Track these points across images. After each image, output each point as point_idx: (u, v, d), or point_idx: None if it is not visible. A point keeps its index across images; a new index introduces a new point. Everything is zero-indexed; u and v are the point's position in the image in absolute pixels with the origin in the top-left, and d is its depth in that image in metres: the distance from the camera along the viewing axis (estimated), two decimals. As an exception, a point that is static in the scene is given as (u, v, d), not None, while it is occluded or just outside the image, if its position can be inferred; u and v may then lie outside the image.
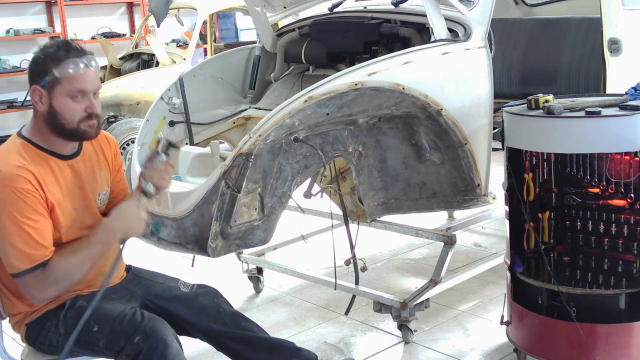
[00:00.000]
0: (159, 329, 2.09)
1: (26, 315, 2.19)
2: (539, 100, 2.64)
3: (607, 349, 2.59)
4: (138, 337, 2.07)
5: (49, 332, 2.17)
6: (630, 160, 2.63)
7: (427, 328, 3.30)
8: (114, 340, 2.10)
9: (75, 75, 2.07)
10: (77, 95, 2.09)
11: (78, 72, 2.08)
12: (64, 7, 8.08)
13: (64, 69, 2.07)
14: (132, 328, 2.09)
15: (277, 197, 2.72)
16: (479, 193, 3.16)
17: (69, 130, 2.12)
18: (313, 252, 4.11)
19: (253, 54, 3.92)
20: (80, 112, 2.11)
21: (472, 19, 3.13)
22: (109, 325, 2.12)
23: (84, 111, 2.11)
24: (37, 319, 2.19)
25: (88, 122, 2.13)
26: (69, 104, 2.09)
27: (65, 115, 2.10)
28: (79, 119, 2.11)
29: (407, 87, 2.84)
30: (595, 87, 3.76)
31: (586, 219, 2.83)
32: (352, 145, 2.96)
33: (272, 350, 2.40)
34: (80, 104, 2.10)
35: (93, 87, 2.12)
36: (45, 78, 2.07)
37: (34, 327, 2.19)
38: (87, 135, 2.17)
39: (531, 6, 5.02)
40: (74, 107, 2.10)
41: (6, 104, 7.91)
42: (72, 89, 2.08)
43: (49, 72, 2.07)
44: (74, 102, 2.09)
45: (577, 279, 2.77)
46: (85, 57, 2.12)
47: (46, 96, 2.09)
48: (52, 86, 2.08)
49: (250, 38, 8.96)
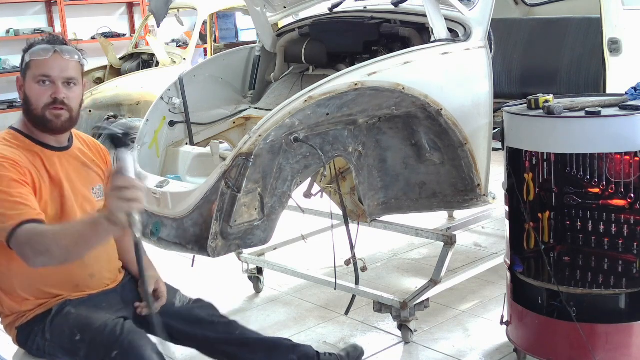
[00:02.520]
0: (136, 344, 2.04)
1: (17, 318, 2.17)
2: (539, 100, 2.64)
3: (607, 349, 2.59)
4: (115, 352, 2.01)
5: (36, 337, 2.15)
6: (630, 160, 2.63)
7: (427, 328, 3.30)
8: (94, 350, 2.07)
9: (42, 59, 2.07)
10: (43, 80, 2.08)
11: (45, 57, 2.07)
12: (64, 7, 8.08)
13: (32, 54, 2.09)
14: (111, 341, 2.04)
15: (277, 197, 2.72)
16: (479, 193, 3.16)
17: (36, 117, 2.10)
18: (313, 252, 4.11)
19: (253, 54, 3.92)
20: (45, 97, 2.08)
21: (472, 19, 3.13)
22: (90, 335, 2.08)
23: (49, 96, 2.08)
24: (27, 322, 2.16)
25: (53, 110, 2.09)
26: (35, 88, 2.08)
27: (32, 100, 2.09)
28: (44, 105, 2.08)
29: (407, 87, 2.84)
30: (595, 87, 3.75)
31: (586, 219, 2.83)
32: (352, 145, 2.96)
33: (269, 349, 2.40)
34: (46, 89, 2.08)
35: (62, 74, 2.09)
36: (22, 65, 2.11)
37: (24, 330, 2.16)
38: (52, 125, 2.11)
39: (531, 6, 5.02)
40: (39, 92, 2.08)
41: (6, 104, 7.91)
42: (37, 73, 2.08)
43: (23, 58, 2.11)
44: (40, 86, 2.08)
45: (577, 279, 2.77)
46: (61, 46, 2.10)
47: (22, 83, 2.11)
48: (25, 72, 2.10)
49: (250, 38, 8.96)
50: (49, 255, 1.91)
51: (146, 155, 3.34)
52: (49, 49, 2.09)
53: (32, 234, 1.91)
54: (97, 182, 2.28)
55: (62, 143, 2.20)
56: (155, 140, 3.43)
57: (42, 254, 1.91)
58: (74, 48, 2.15)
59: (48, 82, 2.08)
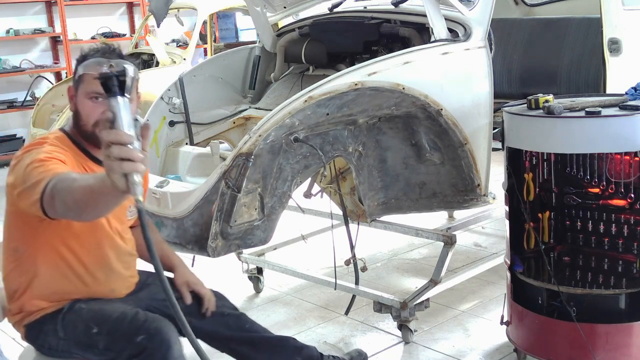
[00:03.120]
0: (163, 329, 2.05)
1: (25, 316, 2.16)
2: (539, 100, 2.64)
3: (607, 349, 2.59)
4: (141, 337, 2.02)
5: (47, 336, 2.13)
6: (630, 160, 2.63)
7: (427, 328, 3.30)
8: (114, 341, 2.07)
9: (94, 74, 1.97)
10: (95, 97, 2.01)
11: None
12: (64, 7, 8.07)
13: (86, 67, 2.03)
14: (135, 328, 2.05)
15: (277, 197, 2.72)
16: (479, 193, 3.16)
17: (86, 134, 2.06)
18: (313, 252, 4.11)
19: (253, 54, 3.92)
20: (97, 115, 2.00)
21: (472, 19, 3.13)
22: (108, 326, 2.08)
23: (100, 115, 1.97)
24: (35, 321, 2.15)
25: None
26: (87, 104, 2.03)
27: (83, 116, 2.04)
28: (95, 122, 2.02)
29: (407, 87, 2.84)
30: (595, 87, 3.75)
31: (586, 219, 2.83)
32: (352, 145, 2.96)
33: (274, 349, 2.40)
34: (98, 106, 2.01)
35: None
36: (75, 76, 2.06)
37: (32, 329, 2.16)
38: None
39: (531, 6, 5.02)
40: (90, 108, 2.02)
41: (6, 104, 7.91)
42: (89, 89, 2.01)
43: (77, 70, 2.05)
44: (92, 103, 2.02)
45: (577, 279, 2.77)
46: (117, 60, 1.98)
47: (74, 95, 2.06)
48: (77, 85, 2.05)
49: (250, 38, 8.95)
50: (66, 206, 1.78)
51: (146, 155, 3.34)
52: (104, 62, 1.97)
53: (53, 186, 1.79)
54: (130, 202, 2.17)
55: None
56: (155, 140, 3.43)
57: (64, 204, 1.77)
58: (130, 62, 2.05)
59: (101, 98, 2.00)
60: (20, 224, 2.06)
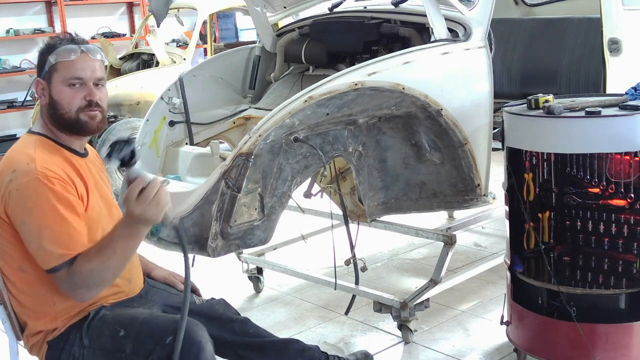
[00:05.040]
0: (194, 330, 2.01)
1: (47, 334, 2.06)
2: (539, 100, 2.64)
3: (607, 349, 2.59)
4: (170, 338, 1.97)
5: (72, 347, 2.04)
6: (630, 160, 2.63)
7: (427, 328, 3.30)
8: (142, 343, 2.00)
9: (70, 61, 2.01)
10: (74, 83, 2.02)
11: (73, 58, 2.01)
12: (64, 7, 8.07)
13: (59, 55, 2.02)
14: (164, 329, 2.00)
15: (277, 197, 2.72)
16: (479, 193, 3.16)
17: (69, 121, 2.03)
18: (313, 252, 4.11)
19: (253, 54, 3.92)
20: (79, 100, 2.02)
21: (472, 19, 3.13)
22: (136, 328, 2.02)
23: (83, 99, 2.02)
24: (60, 335, 2.06)
25: (88, 112, 2.03)
26: (66, 91, 2.02)
27: (63, 103, 2.02)
28: (78, 108, 2.02)
29: (407, 87, 2.84)
30: (595, 87, 3.75)
31: (586, 219, 2.83)
32: (352, 145, 2.96)
33: (278, 353, 2.38)
34: (78, 91, 2.02)
35: (92, 75, 2.04)
36: (44, 68, 2.04)
37: (56, 344, 2.06)
38: (87, 127, 2.05)
39: (531, 6, 5.02)
40: (71, 95, 2.02)
41: (6, 104, 7.91)
42: (68, 75, 2.01)
43: (46, 61, 2.03)
44: (72, 89, 2.02)
45: (577, 279, 2.77)
46: (85, 45, 2.04)
47: (46, 87, 2.04)
48: (50, 75, 2.03)
49: (250, 38, 8.95)
50: (103, 284, 1.97)
51: (146, 155, 3.34)
52: (76, 49, 2.02)
53: (83, 273, 1.89)
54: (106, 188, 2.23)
55: (83, 149, 2.15)
56: (155, 140, 3.42)
57: (97, 286, 1.95)
58: (95, 46, 2.09)
59: (79, 84, 2.02)
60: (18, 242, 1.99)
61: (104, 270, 1.91)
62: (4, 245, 2.02)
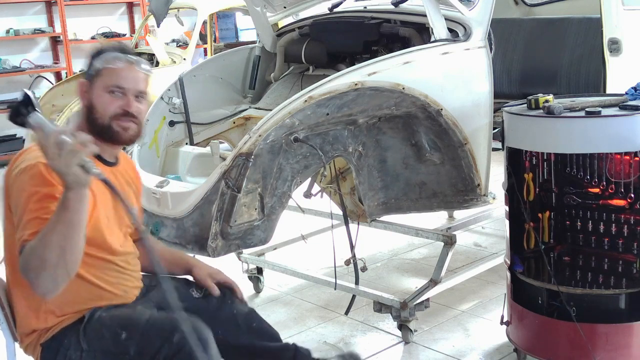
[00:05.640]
0: (199, 328, 1.97)
1: (41, 334, 2.02)
2: (539, 100, 2.64)
3: (607, 349, 2.59)
4: (177, 336, 1.92)
5: (68, 350, 1.99)
6: (630, 160, 2.63)
7: (427, 328, 3.30)
8: (147, 343, 1.96)
9: (114, 68, 2.01)
10: (114, 91, 2.01)
11: (118, 66, 2.01)
12: (64, 7, 8.07)
13: (104, 61, 2.02)
14: (170, 328, 1.96)
15: (277, 197, 2.72)
16: (479, 193, 3.16)
17: (101, 127, 2.01)
18: (313, 252, 4.11)
19: (253, 54, 3.92)
20: (114, 108, 2.00)
21: (472, 19, 3.13)
22: (140, 329, 1.98)
23: (119, 108, 2.00)
24: (53, 337, 2.01)
25: (121, 122, 2.02)
26: (105, 96, 2.01)
27: (99, 108, 2.01)
28: (112, 115, 2.00)
29: (407, 87, 2.84)
30: (595, 87, 3.75)
31: (586, 219, 2.83)
32: (352, 145, 2.96)
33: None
34: (116, 99, 2.01)
35: (134, 86, 2.03)
36: (90, 70, 2.04)
37: (49, 346, 2.01)
38: (118, 137, 2.04)
39: (531, 6, 5.02)
40: (108, 101, 2.00)
41: (6, 104, 7.91)
42: (110, 82, 2.00)
43: (92, 64, 2.04)
44: (111, 96, 2.01)
45: (577, 279, 2.77)
46: (133, 57, 2.04)
47: (88, 89, 2.04)
48: (93, 78, 2.03)
49: (250, 38, 8.95)
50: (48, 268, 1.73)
51: (146, 155, 3.34)
52: (123, 58, 2.03)
53: (26, 253, 1.75)
54: (134, 204, 2.19)
55: (114, 157, 2.12)
56: (155, 140, 3.43)
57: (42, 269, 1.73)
58: (145, 60, 2.09)
59: (119, 93, 2.01)
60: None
61: (42, 248, 1.72)
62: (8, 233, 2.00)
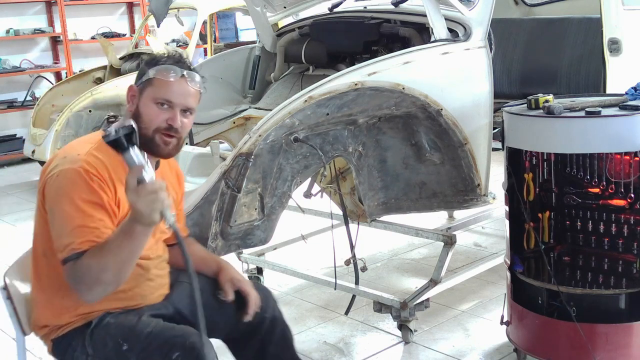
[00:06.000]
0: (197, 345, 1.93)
1: (52, 330, 2.04)
2: (539, 100, 2.64)
3: (607, 349, 2.59)
4: (177, 354, 1.91)
5: (75, 352, 2.00)
6: (630, 160, 2.63)
7: (427, 328, 3.30)
8: (147, 358, 1.95)
9: (167, 81, 1.98)
10: (163, 103, 1.98)
11: (170, 79, 1.99)
12: (64, 7, 8.07)
13: (158, 72, 2.00)
14: (170, 344, 1.93)
15: (277, 197, 2.72)
16: (479, 193, 3.16)
17: (144, 138, 1.96)
18: (313, 252, 4.11)
19: (253, 54, 3.92)
20: (160, 121, 1.98)
21: (472, 19, 3.13)
22: (141, 344, 1.96)
23: (165, 121, 1.97)
24: (63, 335, 2.02)
25: (164, 137, 1.99)
26: (152, 108, 1.98)
27: (145, 119, 1.98)
28: (156, 128, 1.98)
29: (407, 87, 2.84)
30: (595, 87, 3.75)
31: (586, 219, 2.83)
32: (352, 145, 2.96)
33: None
34: (163, 112, 1.98)
35: (183, 102, 2.00)
36: (142, 78, 2.02)
37: (59, 344, 2.03)
38: (158, 150, 2.01)
39: (531, 6, 5.02)
40: (155, 113, 1.98)
41: (6, 104, 7.91)
42: (159, 94, 1.98)
43: (145, 72, 2.02)
44: (158, 108, 1.98)
45: (577, 279, 2.77)
46: (190, 72, 2.02)
47: (137, 96, 2.02)
48: (144, 87, 2.01)
49: (250, 38, 8.95)
50: (103, 284, 1.86)
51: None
52: (178, 71, 2.00)
53: (82, 269, 1.83)
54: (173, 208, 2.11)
55: (152, 164, 2.06)
56: (155, 140, 3.42)
57: (96, 285, 1.85)
58: (199, 74, 2.06)
59: (167, 106, 1.98)
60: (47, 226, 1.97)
61: (100, 269, 1.83)
62: (38, 227, 2.03)
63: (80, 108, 6.04)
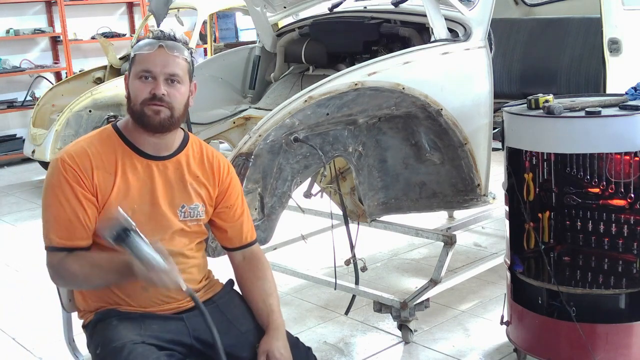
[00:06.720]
0: None
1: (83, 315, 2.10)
2: (539, 100, 2.64)
3: (607, 349, 2.59)
4: None
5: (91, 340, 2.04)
6: (630, 160, 2.63)
7: (427, 328, 3.30)
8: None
9: (145, 54, 1.97)
10: (145, 76, 1.97)
11: (148, 51, 1.97)
12: (64, 7, 8.07)
13: (137, 48, 2.01)
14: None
15: (277, 197, 2.72)
16: (479, 193, 3.16)
17: (135, 114, 1.98)
18: (313, 252, 4.11)
19: (253, 54, 3.92)
20: (144, 93, 1.96)
21: (472, 19, 3.14)
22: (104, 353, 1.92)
23: (149, 92, 1.95)
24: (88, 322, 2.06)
25: (151, 105, 1.95)
26: (137, 84, 1.97)
27: (132, 95, 1.99)
28: (142, 101, 1.96)
29: (407, 87, 2.84)
30: (595, 87, 3.76)
31: (586, 219, 2.83)
32: (352, 145, 2.96)
33: None
34: (147, 85, 1.96)
35: (164, 70, 1.96)
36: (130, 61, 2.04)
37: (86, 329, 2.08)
38: (149, 121, 1.96)
39: (531, 6, 5.02)
40: (139, 87, 1.97)
41: (6, 104, 7.91)
42: (139, 68, 1.97)
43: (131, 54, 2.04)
44: (142, 82, 1.97)
45: (577, 279, 2.77)
46: (167, 41, 1.99)
47: (127, 79, 2.03)
48: (130, 68, 2.02)
49: (250, 38, 8.95)
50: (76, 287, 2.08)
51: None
52: (154, 43, 1.98)
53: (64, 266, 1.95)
54: (191, 201, 2.08)
55: (159, 152, 2.04)
56: (155, 140, 3.42)
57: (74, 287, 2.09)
58: (182, 45, 2.03)
59: (150, 77, 1.97)
60: None
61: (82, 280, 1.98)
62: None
63: (80, 108, 6.05)
